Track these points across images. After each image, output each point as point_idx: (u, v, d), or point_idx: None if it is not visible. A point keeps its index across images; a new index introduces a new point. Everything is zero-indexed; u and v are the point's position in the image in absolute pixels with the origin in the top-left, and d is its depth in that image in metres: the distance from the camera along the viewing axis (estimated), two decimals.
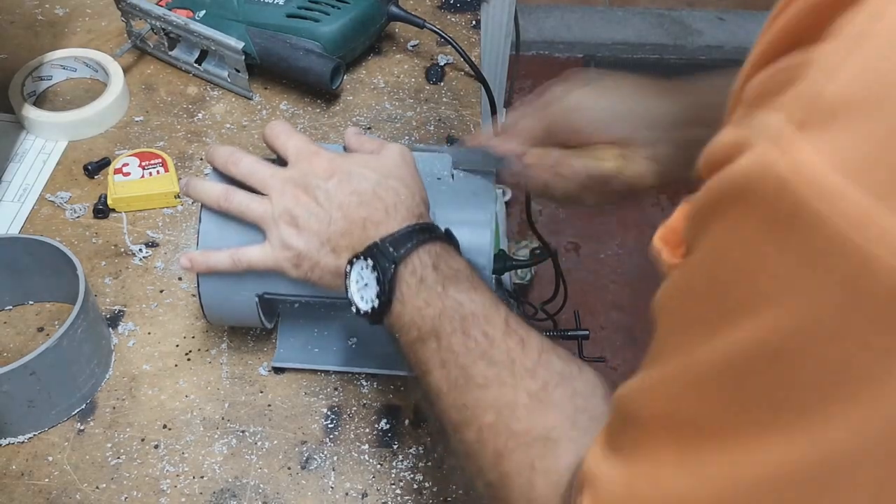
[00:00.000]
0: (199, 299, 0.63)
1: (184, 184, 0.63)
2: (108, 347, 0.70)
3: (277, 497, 0.63)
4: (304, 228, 0.57)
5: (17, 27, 1.01)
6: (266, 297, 0.63)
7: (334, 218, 0.56)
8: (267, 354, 0.71)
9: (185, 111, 0.92)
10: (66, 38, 0.99)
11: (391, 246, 0.53)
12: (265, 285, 0.61)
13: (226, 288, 0.62)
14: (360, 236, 0.55)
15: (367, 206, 0.56)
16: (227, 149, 0.61)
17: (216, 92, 0.94)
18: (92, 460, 0.64)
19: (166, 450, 0.65)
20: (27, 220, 0.80)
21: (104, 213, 0.81)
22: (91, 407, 0.67)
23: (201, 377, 0.70)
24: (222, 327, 0.73)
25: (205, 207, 0.61)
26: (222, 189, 0.60)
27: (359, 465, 0.65)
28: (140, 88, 0.94)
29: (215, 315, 0.65)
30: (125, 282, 0.76)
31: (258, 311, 0.63)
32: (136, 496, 0.62)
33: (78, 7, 1.04)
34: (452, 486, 0.64)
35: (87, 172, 0.84)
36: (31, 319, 0.73)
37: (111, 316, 0.73)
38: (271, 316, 0.69)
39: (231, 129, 0.90)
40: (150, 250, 0.78)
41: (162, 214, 0.82)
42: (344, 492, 0.63)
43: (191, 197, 0.63)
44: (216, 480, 0.63)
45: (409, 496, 0.63)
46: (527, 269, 1.65)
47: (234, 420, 0.67)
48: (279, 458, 0.65)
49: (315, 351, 0.70)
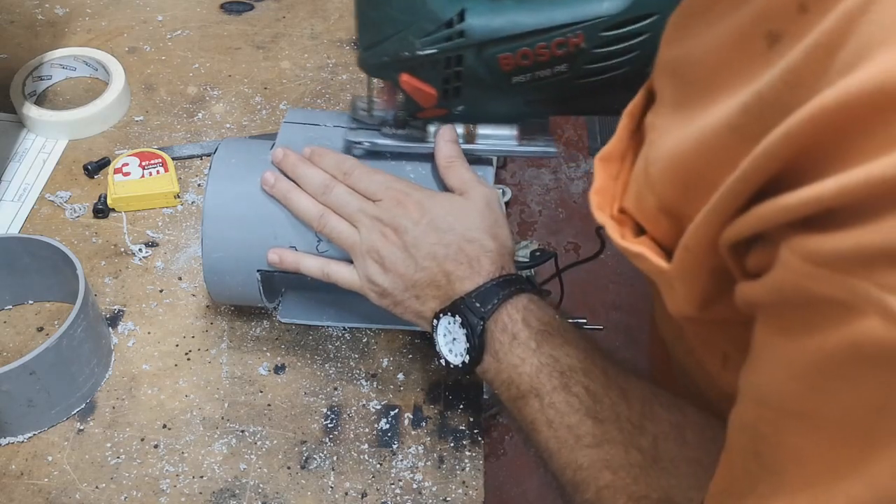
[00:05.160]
0: (203, 275, 0.64)
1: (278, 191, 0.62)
2: (108, 347, 0.70)
3: (277, 497, 0.63)
4: (390, 269, 0.58)
5: (17, 27, 1.01)
6: (266, 273, 0.64)
7: (420, 266, 0.57)
8: (267, 354, 0.71)
9: (185, 111, 0.92)
10: (66, 38, 0.99)
11: (478, 301, 0.55)
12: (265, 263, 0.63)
13: (229, 263, 0.63)
14: (445, 289, 0.57)
15: (453, 260, 0.57)
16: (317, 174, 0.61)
17: (216, 92, 0.94)
18: (91, 460, 0.64)
19: (166, 449, 0.65)
20: (27, 220, 0.80)
21: (104, 212, 0.81)
22: (91, 407, 0.67)
23: (201, 377, 0.70)
24: (222, 327, 0.73)
25: (212, 177, 0.63)
26: (318, 210, 0.61)
27: (358, 465, 0.65)
28: (140, 88, 0.94)
29: (218, 290, 0.66)
30: (125, 281, 0.76)
31: (259, 288, 0.64)
32: (136, 496, 0.62)
33: (78, 7, 1.04)
34: (452, 486, 0.64)
35: (87, 172, 0.84)
36: (31, 319, 0.73)
37: (111, 316, 0.73)
38: (273, 296, 0.69)
39: (231, 128, 0.90)
40: (150, 250, 0.78)
41: (162, 214, 0.82)
42: (343, 491, 0.63)
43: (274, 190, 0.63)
44: (216, 480, 0.63)
45: (409, 496, 0.63)
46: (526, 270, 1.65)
47: (233, 420, 0.67)
48: (279, 457, 0.65)
49: (321, 308, 0.70)
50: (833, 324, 0.29)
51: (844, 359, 0.29)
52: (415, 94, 0.59)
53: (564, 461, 0.50)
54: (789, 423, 0.32)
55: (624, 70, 0.57)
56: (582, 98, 0.60)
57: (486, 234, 0.58)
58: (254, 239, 0.62)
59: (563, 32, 0.55)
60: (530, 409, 0.52)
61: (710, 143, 0.35)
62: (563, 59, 0.56)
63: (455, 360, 0.56)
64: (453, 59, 0.57)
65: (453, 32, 0.55)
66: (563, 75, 0.57)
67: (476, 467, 0.65)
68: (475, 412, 0.68)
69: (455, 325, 0.55)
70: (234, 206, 0.63)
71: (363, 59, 0.59)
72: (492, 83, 0.58)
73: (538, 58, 0.56)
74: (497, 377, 0.54)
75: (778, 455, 0.32)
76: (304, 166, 0.62)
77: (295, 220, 0.62)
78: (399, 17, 0.55)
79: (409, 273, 0.57)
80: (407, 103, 0.61)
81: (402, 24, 0.55)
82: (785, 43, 0.30)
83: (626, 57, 0.56)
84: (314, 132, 0.66)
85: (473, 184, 0.60)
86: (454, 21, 0.55)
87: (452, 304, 0.56)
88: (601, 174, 0.45)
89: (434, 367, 0.71)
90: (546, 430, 0.51)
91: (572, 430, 0.49)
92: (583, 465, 0.48)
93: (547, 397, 0.51)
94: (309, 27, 1.04)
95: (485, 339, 0.54)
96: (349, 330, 0.73)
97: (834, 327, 0.29)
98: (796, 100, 0.29)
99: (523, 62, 0.56)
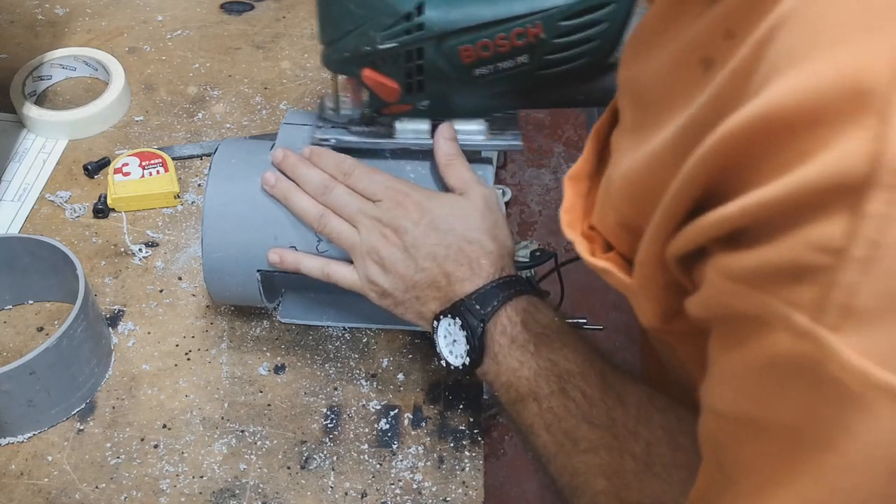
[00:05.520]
0: (203, 275, 0.64)
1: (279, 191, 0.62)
2: (108, 347, 0.70)
3: (277, 497, 0.63)
4: (390, 270, 0.58)
5: (17, 27, 1.01)
6: (266, 273, 0.64)
7: (420, 267, 0.57)
8: (267, 354, 0.71)
9: (184, 111, 0.92)
10: (66, 38, 0.99)
11: (477, 303, 0.55)
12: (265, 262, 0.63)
13: (229, 263, 0.63)
14: (445, 290, 0.57)
15: (453, 261, 0.57)
16: (316, 174, 0.61)
17: (216, 92, 0.94)
18: (91, 460, 0.64)
19: (166, 449, 0.65)
20: (27, 220, 0.80)
21: (104, 212, 0.81)
22: (91, 407, 0.67)
23: (201, 377, 0.70)
24: (222, 327, 0.73)
25: (212, 176, 0.63)
26: (318, 211, 0.61)
27: (358, 465, 0.65)
28: (140, 88, 0.94)
29: (217, 290, 0.66)
30: (125, 281, 0.76)
31: (259, 288, 0.64)
32: (136, 496, 0.62)
33: (78, 7, 1.04)
34: (452, 486, 0.64)
35: (87, 172, 0.84)
36: (31, 319, 0.73)
37: (111, 316, 0.73)
38: (273, 296, 0.69)
39: (231, 128, 0.90)
40: (150, 250, 0.78)
41: (162, 214, 0.82)
42: (343, 491, 0.63)
43: (274, 190, 0.62)
44: (216, 480, 0.63)
45: (409, 496, 0.63)
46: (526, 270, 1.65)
47: (233, 420, 0.67)
48: (279, 457, 0.65)
49: (321, 308, 0.70)
50: (753, 338, 0.30)
51: (766, 372, 0.30)
52: (378, 89, 0.59)
53: (562, 465, 0.50)
54: (739, 432, 0.33)
55: (585, 60, 0.57)
56: (546, 90, 0.61)
57: (486, 235, 0.58)
58: (254, 239, 0.62)
59: (521, 23, 0.55)
60: (529, 412, 0.52)
61: (655, 163, 0.36)
62: (523, 50, 0.56)
63: (455, 361, 0.56)
64: (414, 52, 0.57)
65: (412, 25, 0.55)
66: (525, 67, 0.57)
67: (476, 467, 0.65)
68: (475, 412, 0.68)
69: (455, 327, 0.55)
70: (234, 206, 0.63)
71: (325, 55, 0.59)
72: (454, 76, 0.58)
73: (498, 49, 0.56)
74: (496, 380, 0.54)
75: (734, 464, 0.33)
76: (303, 167, 0.62)
77: (295, 220, 0.62)
78: (358, 11, 0.56)
79: (409, 274, 0.58)
80: (372, 100, 0.61)
81: (362, 19, 0.56)
82: (716, 68, 0.31)
83: (586, 46, 0.56)
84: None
85: (473, 184, 0.60)
86: (413, 14, 0.55)
87: (452, 306, 0.56)
88: (570, 193, 0.46)
89: (434, 367, 0.71)
90: (544, 434, 0.51)
91: (569, 435, 0.50)
92: (579, 470, 0.49)
93: (545, 401, 0.51)
94: (309, 27, 1.03)
95: (485, 342, 0.54)
96: (349, 330, 0.73)
97: (755, 341, 0.30)
98: (718, 123, 0.30)
99: (484, 54, 0.56)
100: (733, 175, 0.29)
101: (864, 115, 0.24)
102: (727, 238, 0.30)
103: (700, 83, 0.32)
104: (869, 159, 0.24)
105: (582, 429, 0.49)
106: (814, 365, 0.27)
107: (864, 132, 0.24)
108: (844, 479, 0.28)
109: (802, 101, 0.26)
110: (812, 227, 0.26)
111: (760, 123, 0.27)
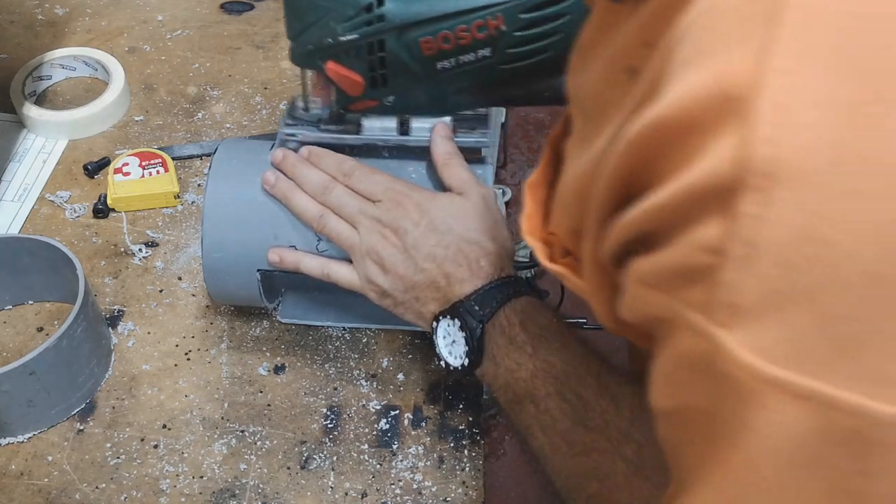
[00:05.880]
0: (203, 275, 0.64)
1: (279, 191, 0.62)
2: (108, 347, 0.70)
3: (277, 497, 0.63)
4: (389, 271, 0.58)
5: (17, 27, 1.01)
6: (266, 273, 0.64)
7: (419, 268, 0.57)
8: (267, 354, 0.71)
9: (184, 111, 0.92)
10: (66, 38, 0.99)
11: (477, 304, 0.55)
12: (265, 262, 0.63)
13: (229, 263, 0.63)
14: (445, 291, 0.57)
15: (452, 262, 0.57)
16: (316, 174, 0.62)
17: (216, 92, 0.94)
18: (91, 460, 0.64)
19: (166, 450, 0.65)
20: (27, 220, 0.80)
21: (104, 212, 0.81)
22: (91, 407, 0.67)
23: (201, 377, 0.70)
24: (222, 327, 0.73)
25: (212, 177, 0.63)
26: (318, 211, 0.61)
27: (358, 465, 0.65)
28: (140, 88, 0.94)
29: (217, 290, 0.66)
30: (125, 281, 0.76)
31: (259, 288, 0.64)
32: (136, 496, 0.62)
33: (78, 7, 1.04)
34: (452, 486, 0.64)
35: (87, 172, 0.84)
36: (31, 319, 0.73)
37: (111, 316, 0.73)
38: (273, 296, 0.69)
39: (231, 128, 0.90)
40: (150, 250, 0.78)
41: (162, 214, 0.82)
42: (343, 492, 0.63)
43: (274, 190, 0.63)
44: (216, 480, 0.63)
45: (409, 496, 0.63)
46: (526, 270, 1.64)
47: (233, 420, 0.67)
48: (279, 457, 0.65)
49: (321, 308, 0.70)
50: (669, 339, 0.31)
51: (679, 371, 0.31)
52: (342, 82, 0.59)
53: (558, 467, 0.51)
54: (675, 431, 0.34)
55: (548, 54, 0.57)
56: (510, 85, 0.61)
57: (485, 236, 0.58)
58: (254, 239, 0.62)
59: (481, 15, 0.55)
60: (526, 413, 0.52)
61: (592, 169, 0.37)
62: (485, 43, 0.56)
63: (455, 362, 0.56)
64: (375, 44, 0.57)
65: (373, 17, 0.56)
66: (488, 60, 0.57)
67: (476, 467, 0.65)
68: (475, 412, 0.68)
69: (454, 328, 0.56)
70: (234, 206, 0.63)
71: (291, 50, 0.60)
72: (418, 70, 0.58)
73: (459, 41, 0.56)
74: (495, 381, 0.54)
75: (677, 460, 0.34)
76: (304, 167, 0.62)
77: (295, 219, 0.62)
78: (320, 3, 0.56)
79: (408, 274, 0.58)
80: (339, 96, 0.61)
81: (324, 11, 0.56)
82: (640, 76, 0.32)
83: (548, 40, 0.56)
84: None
85: (472, 184, 0.60)
86: (373, 5, 0.55)
87: (452, 307, 0.56)
88: (529, 200, 0.47)
89: (434, 367, 0.71)
90: (541, 436, 0.51)
91: (564, 437, 0.50)
92: (573, 472, 0.49)
93: (542, 403, 0.51)
94: None
95: (483, 343, 0.54)
96: (349, 330, 0.73)
97: (668, 341, 0.31)
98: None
99: (445, 46, 0.56)
100: (641, 178, 0.30)
101: (730, 120, 0.26)
102: (637, 241, 0.31)
103: (627, 91, 0.33)
104: (735, 163, 0.25)
105: (577, 431, 0.49)
106: (711, 362, 0.28)
107: (730, 137, 0.25)
108: (748, 473, 0.29)
109: (684, 108, 0.27)
110: (696, 229, 0.27)
111: (655, 128, 0.28)
